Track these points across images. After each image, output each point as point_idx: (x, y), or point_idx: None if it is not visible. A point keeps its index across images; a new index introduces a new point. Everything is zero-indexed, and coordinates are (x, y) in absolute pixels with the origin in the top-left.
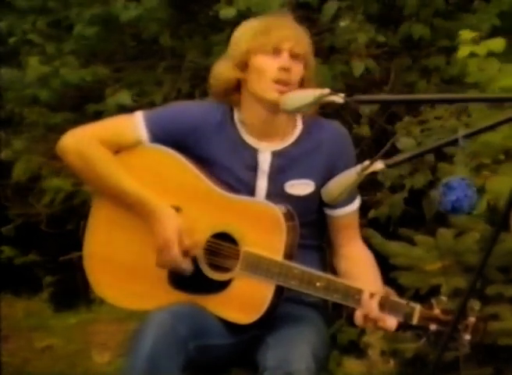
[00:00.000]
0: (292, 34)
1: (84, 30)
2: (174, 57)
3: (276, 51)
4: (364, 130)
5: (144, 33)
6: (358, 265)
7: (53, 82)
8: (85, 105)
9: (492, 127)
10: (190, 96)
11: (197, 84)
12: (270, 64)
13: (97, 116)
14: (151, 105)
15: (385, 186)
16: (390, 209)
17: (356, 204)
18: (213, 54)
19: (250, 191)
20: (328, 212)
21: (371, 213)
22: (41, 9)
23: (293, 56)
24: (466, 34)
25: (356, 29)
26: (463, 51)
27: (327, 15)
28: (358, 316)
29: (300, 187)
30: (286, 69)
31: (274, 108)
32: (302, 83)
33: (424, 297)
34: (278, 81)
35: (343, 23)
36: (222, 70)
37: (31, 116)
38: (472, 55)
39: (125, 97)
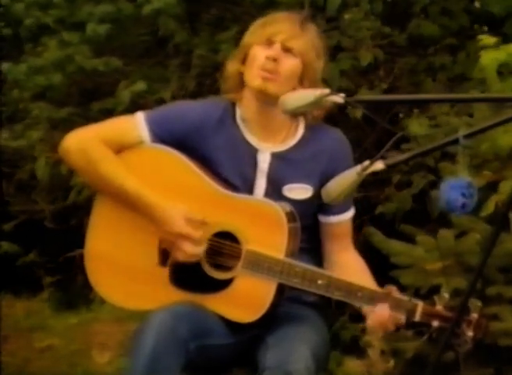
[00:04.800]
0: (287, 28)
1: (96, 29)
2: (181, 54)
3: (269, 43)
4: (357, 113)
5: (161, 30)
6: (352, 271)
7: (68, 67)
8: (90, 102)
9: (492, 127)
10: (198, 93)
11: (205, 82)
12: (260, 53)
13: (102, 112)
14: (159, 102)
15: (391, 183)
16: (398, 205)
17: (350, 213)
18: (220, 51)
19: (249, 189)
20: (323, 218)
21: (378, 209)
22: (47, 5)
23: (286, 49)
24: (487, 39)
25: (361, 19)
26: (486, 58)
27: (332, 7)
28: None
29: (298, 191)
30: (273, 59)
31: (263, 98)
32: (301, 82)
33: (424, 296)
34: (263, 69)
35: (347, 16)
36: (229, 66)
37: (36, 110)
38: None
39: (141, 86)
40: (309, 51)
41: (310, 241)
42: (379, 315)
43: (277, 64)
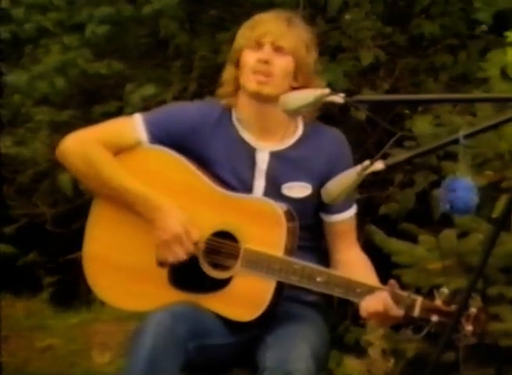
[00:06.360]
0: (275, 28)
1: (95, 31)
2: (182, 56)
3: (259, 45)
4: (361, 115)
5: (162, 32)
6: (356, 268)
7: (71, 71)
8: (91, 104)
9: (493, 127)
10: (200, 95)
11: (206, 83)
12: (251, 57)
13: (105, 115)
14: (161, 104)
15: (394, 183)
16: (402, 204)
17: (353, 210)
18: (221, 52)
19: (248, 189)
20: (325, 217)
21: (382, 209)
22: (46, 7)
23: (276, 49)
24: None
25: (362, 19)
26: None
27: (333, 8)
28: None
29: (297, 189)
30: (264, 62)
31: (260, 99)
32: (296, 79)
33: (425, 296)
34: (256, 72)
35: (348, 16)
36: (225, 72)
37: (40, 115)
38: None
39: (150, 90)
40: (299, 47)
41: (313, 239)
42: (373, 304)
43: (269, 65)
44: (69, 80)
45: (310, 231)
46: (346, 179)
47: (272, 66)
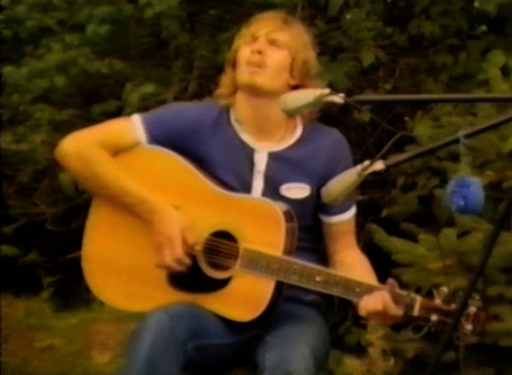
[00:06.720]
0: (270, 23)
1: (97, 29)
2: (182, 56)
3: (254, 38)
4: (365, 117)
5: (163, 32)
6: (355, 269)
7: (71, 70)
8: (90, 103)
9: (493, 127)
10: (200, 95)
11: (206, 83)
12: (246, 50)
13: (105, 114)
14: (161, 104)
15: (396, 185)
16: (404, 207)
17: (352, 211)
18: (221, 52)
19: (247, 190)
20: (325, 218)
21: (384, 212)
22: (47, 7)
23: (271, 42)
24: None
25: (362, 19)
26: None
27: (333, 8)
28: (364, 306)
29: (296, 190)
30: (257, 52)
31: (254, 91)
32: (292, 75)
33: (425, 296)
34: (249, 63)
35: (348, 16)
36: (223, 74)
37: (38, 113)
38: None
39: (149, 88)
40: (295, 43)
41: (312, 240)
42: (372, 303)
43: (263, 56)
44: (70, 78)
45: (309, 232)
46: (346, 179)
47: (265, 56)
